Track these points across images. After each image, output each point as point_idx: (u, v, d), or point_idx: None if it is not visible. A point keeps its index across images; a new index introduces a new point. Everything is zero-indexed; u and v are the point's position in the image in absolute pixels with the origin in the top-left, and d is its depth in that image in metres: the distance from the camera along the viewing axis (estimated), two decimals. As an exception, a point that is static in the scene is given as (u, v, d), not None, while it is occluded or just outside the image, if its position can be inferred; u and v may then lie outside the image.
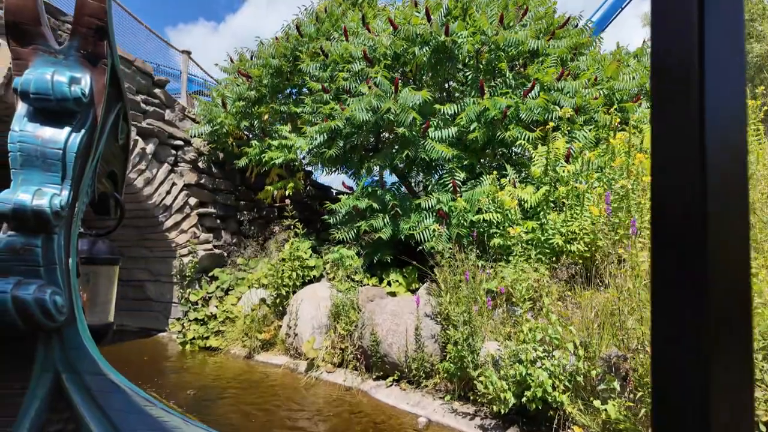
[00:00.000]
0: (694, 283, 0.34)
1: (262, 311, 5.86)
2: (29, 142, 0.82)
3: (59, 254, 0.81)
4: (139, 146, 6.22)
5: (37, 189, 0.79)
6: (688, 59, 0.35)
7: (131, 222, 6.74)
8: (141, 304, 7.45)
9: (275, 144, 6.62)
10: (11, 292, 0.70)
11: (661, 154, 0.37)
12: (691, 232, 0.35)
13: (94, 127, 0.90)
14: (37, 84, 0.82)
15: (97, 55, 0.90)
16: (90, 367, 0.83)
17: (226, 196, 7.90)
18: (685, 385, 0.34)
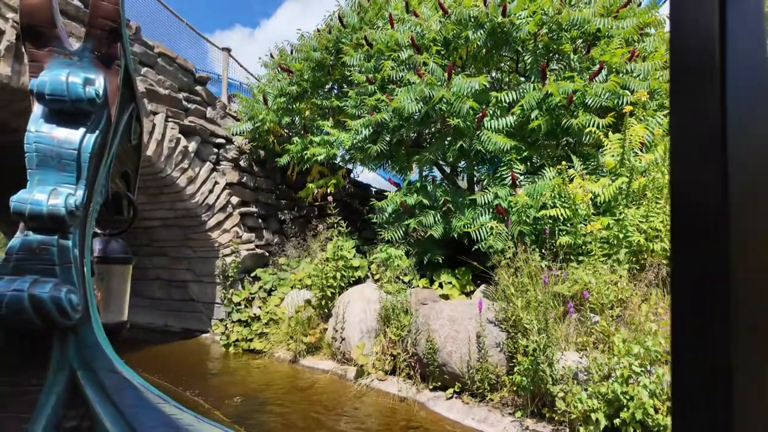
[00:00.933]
0: (716, 287, 0.33)
1: (307, 313, 5.61)
2: (45, 143, 0.83)
3: (74, 253, 0.82)
4: (182, 144, 6.13)
5: (52, 189, 0.80)
6: (709, 43, 0.33)
7: (177, 222, 6.67)
8: (184, 305, 7.39)
9: (317, 140, 6.39)
10: (28, 290, 0.71)
11: (680, 148, 0.36)
12: (713, 232, 0.33)
13: (108, 128, 0.91)
14: (53, 85, 0.83)
15: (111, 57, 0.91)
16: (104, 364, 0.83)
17: (267, 195, 7.75)
18: (707, 397, 0.33)
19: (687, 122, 0.35)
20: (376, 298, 5.03)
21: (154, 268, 7.51)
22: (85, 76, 0.86)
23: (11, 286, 0.72)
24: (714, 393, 0.32)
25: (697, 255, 0.34)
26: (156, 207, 6.60)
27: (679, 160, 0.35)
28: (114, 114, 0.92)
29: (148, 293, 7.78)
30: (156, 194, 6.36)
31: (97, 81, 0.88)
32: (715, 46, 0.33)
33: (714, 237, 0.33)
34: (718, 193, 0.33)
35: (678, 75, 0.36)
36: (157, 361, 5.61)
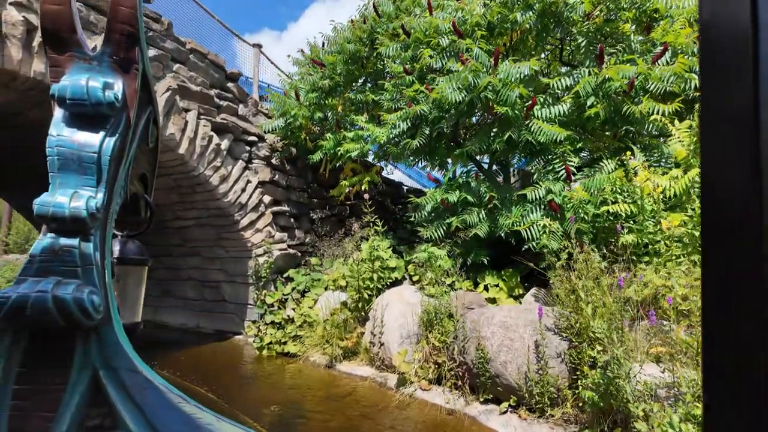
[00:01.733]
0: (751, 292, 0.32)
1: (343, 316, 5.37)
2: (66, 147, 0.85)
3: (95, 255, 0.84)
4: (214, 142, 5.99)
5: (74, 192, 0.83)
6: (741, 38, 0.33)
7: (210, 221, 6.55)
8: (217, 306, 7.29)
9: (350, 136, 6.14)
10: (51, 291, 0.73)
11: (710, 148, 0.35)
12: (743, 229, 0.33)
13: (127, 131, 0.92)
14: (73, 90, 0.85)
15: (129, 61, 0.93)
16: (126, 364, 0.83)
17: (299, 193, 7.57)
18: (741, 403, 0.32)
19: (718, 119, 0.34)
20: (416, 301, 4.73)
21: (187, 269, 7.44)
22: (104, 80, 0.88)
23: (35, 288, 0.73)
24: (743, 391, 0.32)
25: (726, 252, 0.33)
26: (189, 206, 6.50)
27: (709, 157, 0.35)
28: (132, 117, 0.94)
29: (180, 293, 7.73)
30: (189, 193, 6.25)
31: (116, 85, 0.90)
32: (748, 41, 0.32)
33: (744, 234, 0.32)
34: (748, 190, 0.32)
35: (708, 71, 0.35)
36: (189, 364, 5.48)
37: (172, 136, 5.39)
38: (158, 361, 5.52)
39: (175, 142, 5.46)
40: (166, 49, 5.55)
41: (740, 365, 0.32)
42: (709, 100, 0.35)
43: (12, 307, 0.72)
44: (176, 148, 5.49)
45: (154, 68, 5.33)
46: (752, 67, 0.32)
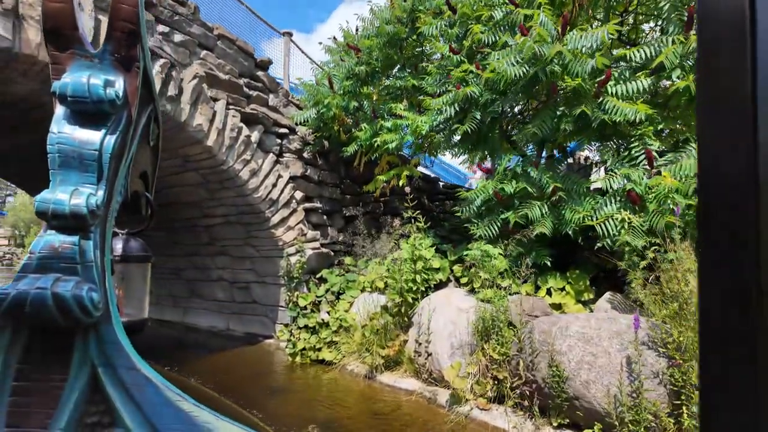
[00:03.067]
0: (744, 288, 0.32)
1: (383, 321, 4.88)
2: (67, 144, 0.85)
3: (95, 252, 0.85)
4: (244, 134, 5.61)
5: (74, 189, 0.83)
6: (738, 19, 0.33)
7: (240, 219, 6.19)
8: (247, 308, 6.93)
9: (388, 125, 5.65)
10: (51, 288, 0.74)
11: (708, 141, 0.35)
12: (741, 216, 0.33)
13: (128, 129, 0.92)
14: (74, 87, 0.85)
15: (131, 58, 0.93)
16: (125, 361, 0.82)
17: (331, 189, 7.14)
18: (735, 399, 0.32)
19: (715, 102, 0.34)
20: (468, 307, 4.20)
21: (216, 269, 7.11)
22: (105, 78, 0.89)
23: (35, 285, 0.75)
24: (742, 396, 0.32)
25: (724, 240, 0.33)
26: (217, 203, 6.16)
27: (706, 143, 0.35)
28: (134, 115, 0.94)
29: (210, 294, 7.42)
30: (217, 189, 5.90)
31: (117, 83, 0.90)
32: (745, 21, 0.32)
33: (742, 222, 0.32)
34: (746, 175, 0.32)
35: (706, 54, 0.35)
36: (217, 371, 5.11)
37: (199, 126, 5.03)
38: (185, 367, 5.17)
39: (203, 133, 5.10)
40: (193, 34, 5.21)
41: (739, 378, 0.31)
42: (706, 83, 0.34)
43: (11, 304, 0.74)
44: (204, 139, 5.13)
45: (180, 54, 4.99)
46: (750, 50, 0.32)
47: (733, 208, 0.33)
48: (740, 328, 0.32)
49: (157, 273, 8.06)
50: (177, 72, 4.83)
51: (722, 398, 0.33)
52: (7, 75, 3.94)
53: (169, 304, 8.16)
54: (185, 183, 6.00)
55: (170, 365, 5.21)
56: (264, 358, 5.84)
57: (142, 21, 0.92)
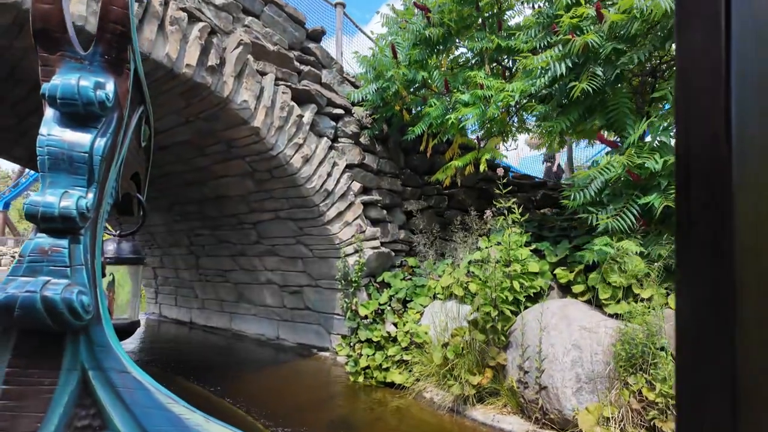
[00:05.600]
0: (722, 276, 0.31)
1: (469, 337, 3.89)
2: (57, 146, 0.85)
3: (85, 255, 0.85)
4: (295, 113, 4.79)
5: (64, 192, 0.83)
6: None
7: (291, 214, 5.39)
8: (299, 315, 6.14)
9: (465, 98, 4.66)
10: (40, 291, 0.74)
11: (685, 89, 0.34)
12: (717, 180, 0.32)
13: (119, 130, 0.93)
14: (64, 89, 0.85)
15: (121, 60, 0.93)
16: (115, 364, 0.83)
17: (391, 180, 6.22)
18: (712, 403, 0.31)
19: (692, 66, 0.34)
20: (595, 325, 3.14)
21: (264, 270, 6.37)
22: (95, 79, 0.89)
23: (24, 288, 0.75)
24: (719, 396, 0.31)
25: (700, 202, 0.33)
26: (265, 196, 5.38)
27: (683, 104, 0.34)
28: (124, 117, 0.95)
29: (258, 299, 6.69)
30: (265, 180, 5.12)
31: (108, 85, 0.91)
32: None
33: (718, 184, 0.32)
34: (722, 137, 0.32)
35: (683, 19, 0.35)
36: (267, 395, 4.30)
37: (245, 104, 4.24)
38: (231, 386, 4.41)
39: (250, 112, 4.31)
40: (238, -4, 4.43)
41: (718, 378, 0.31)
42: (684, 46, 0.34)
43: (1, 307, 0.73)
44: (251, 119, 4.34)
45: (222, 20, 4.22)
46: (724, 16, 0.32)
47: (709, 164, 0.32)
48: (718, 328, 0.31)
49: (202, 275, 7.45)
50: (218, 39, 4.06)
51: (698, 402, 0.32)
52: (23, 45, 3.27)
53: (216, 309, 7.53)
54: (230, 173, 5.26)
55: (214, 384, 4.46)
56: (320, 376, 5.00)
57: (133, 23, 0.92)
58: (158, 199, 6.74)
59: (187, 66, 3.74)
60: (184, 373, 4.87)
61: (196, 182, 5.77)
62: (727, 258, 0.31)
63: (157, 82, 3.85)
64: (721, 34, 0.32)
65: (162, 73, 3.71)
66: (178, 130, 4.68)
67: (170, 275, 8.28)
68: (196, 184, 5.82)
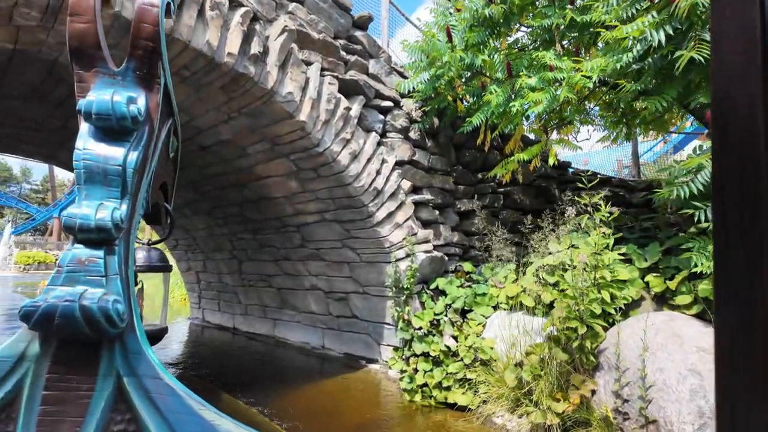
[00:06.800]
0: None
1: (548, 355, 3.36)
2: (92, 160, 0.88)
3: (120, 264, 0.88)
4: (342, 106, 4.41)
5: (99, 204, 0.86)
6: None
7: (336, 215, 5.02)
8: (345, 323, 5.76)
9: (532, 82, 4.13)
10: (78, 300, 0.77)
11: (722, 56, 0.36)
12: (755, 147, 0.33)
13: (150, 143, 0.97)
14: (99, 105, 0.88)
15: (152, 76, 0.97)
16: (148, 370, 0.85)
17: (442, 177, 5.75)
18: None
19: (729, 33, 0.34)
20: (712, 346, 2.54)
21: (309, 275, 6.04)
22: (128, 95, 0.92)
23: (63, 297, 0.78)
24: None
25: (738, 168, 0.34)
26: (310, 196, 5.03)
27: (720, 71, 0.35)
28: (155, 130, 0.98)
29: (302, 305, 6.37)
30: (310, 179, 4.76)
31: (140, 99, 0.94)
32: None
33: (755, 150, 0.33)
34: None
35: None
36: (313, 413, 3.92)
37: (290, 96, 3.89)
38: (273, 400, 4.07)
39: (295, 105, 3.96)
40: (281, -19, 4.10)
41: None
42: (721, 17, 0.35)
43: (42, 316, 0.76)
44: (296, 113, 3.99)
45: (264, 6, 3.89)
46: None
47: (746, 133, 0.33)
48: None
49: (245, 280, 7.22)
50: (261, 27, 3.73)
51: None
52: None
53: (259, 315, 7.28)
54: (273, 173, 4.95)
55: (259, 399, 4.13)
56: (371, 392, 4.58)
57: (163, 38, 0.96)
58: (199, 202, 6.56)
59: (229, 55, 3.43)
60: (228, 386, 4.58)
61: (238, 184, 5.51)
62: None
63: (197, 74, 3.56)
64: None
65: (202, 63, 3.41)
66: (219, 128, 4.40)
67: (213, 280, 8.13)
68: (237, 185, 5.56)
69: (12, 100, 4.33)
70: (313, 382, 4.82)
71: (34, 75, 3.68)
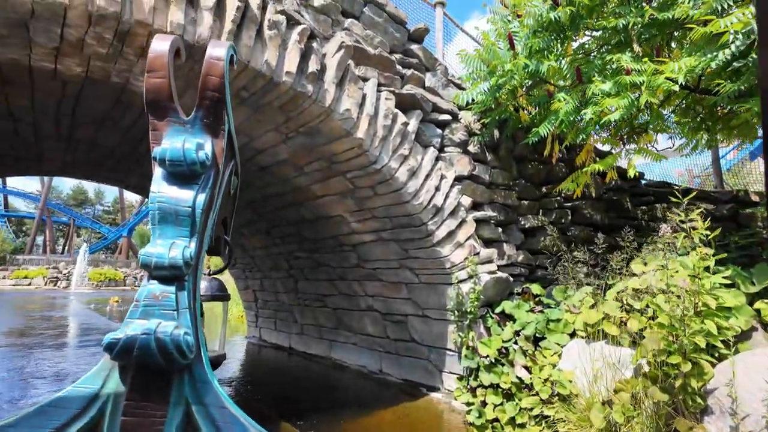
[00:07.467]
0: None
1: (641, 393, 2.93)
2: (165, 202, 0.98)
3: (189, 298, 0.96)
4: (400, 121, 4.25)
5: (172, 243, 0.95)
6: None
7: (394, 234, 4.83)
8: (404, 347, 5.50)
9: (605, 87, 3.77)
10: (154, 333, 0.86)
11: None
12: None
13: (215, 185, 1.07)
14: (172, 153, 1.00)
15: (218, 123, 1.08)
16: (215, 400, 0.90)
17: (505, 193, 5.42)
18: None
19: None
20: None
21: (365, 296, 5.86)
22: (197, 141, 1.04)
23: (141, 330, 0.87)
24: None
25: None
26: (366, 215, 4.88)
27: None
28: (220, 172, 1.08)
29: (359, 327, 6.20)
30: (367, 197, 4.62)
31: (207, 145, 1.05)
32: None
33: None
34: None
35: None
36: None
37: (347, 113, 3.78)
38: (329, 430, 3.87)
39: (352, 122, 3.84)
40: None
41: None
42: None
43: (123, 348, 0.85)
44: (353, 130, 3.87)
45: (321, 23, 3.84)
46: None
47: None
48: None
49: (301, 299, 7.17)
50: (318, 44, 3.67)
51: None
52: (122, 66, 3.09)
53: (315, 336, 7.19)
54: (330, 192, 4.86)
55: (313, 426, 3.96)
56: (434, 425, 4.27)
57: (227, 89, 1.07)
58: (257, 222, 6.62)
59: (287, 74, 3.37)
60: (285, 413, 4.45)
61: (295, 203, 5.47)
62: None
63: (255, 95, 3.54)
64: None
65: (261, 83, 3.37)
66: (277, 148, 4.37)
67: (270, 299, 8.17)
68: (294, 205, 5.53)
69: (85, 128, 4.54)
70: (373, 411, 4.59)
71: (104, 103, 3.81)
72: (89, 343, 8.48)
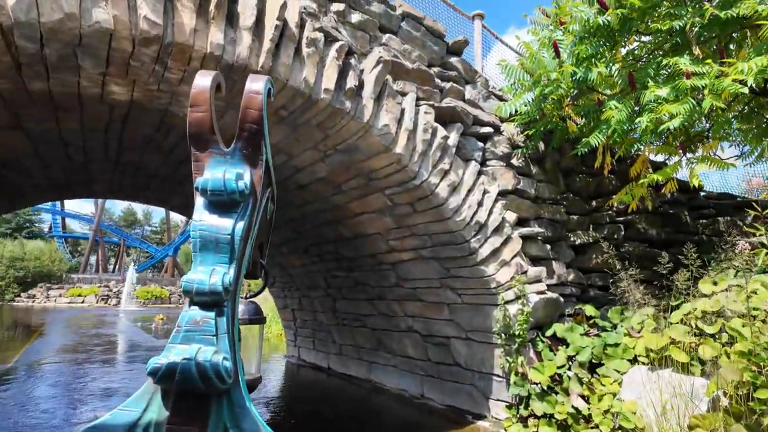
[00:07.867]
0: None
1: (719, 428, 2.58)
2: (207, 230, 1.01)
3: (228, 324, 0.97)
4: (439, 135, 4.11)
5: (212, 269, 0.98)
6: None
7: (434, 252, 4.65)
8: (447, 371, 5.25)
9: (662, 93, 3.49)
10: (194, 359, 0.87)
11: None
12: None
13: (254, 212, 1.10)
14: (213, 183, 1.04)
15: (256, 153, 1.12)
16: (251, 425, 0.91)
17: (552, 207, 5.14)
18: None
19: None
20: None
21: (405, 317, 5.67)
22: (236, 172, 1.07)
23: (182, 355, 0.88)
24: None
25: None
26: (405, 232, 4.73)
27: None
28: (258, 200, 1.12)
29: (399, 349, 5.99)
30: (406, 214, 4.47)
31: (246, 175, 1.09)
32: None
33: None
34: None
35: None
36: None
37: (386, 128, 3.68)
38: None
39: (391, 137, 3.74)
40: (373, 13, 4.00)
41: None
42: None
43: (165, 372, 0.87)
44: (392, 145, 3.77)
45: (358, 39, 3.80)
46: None
47: None
48: None
49: (339, 319, 7.06)
50: (356, 60, 3.61)
51: None
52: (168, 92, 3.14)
53: (354, 356, 7.03)
54: (368, 209, 4.75)
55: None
56: (484, 456, 3.99)
57: (265, 120, 1.11)
58: (296, 241, 6.60)
59: (325, 91, 3.31)
60: None
61: (333, 221, 5.40)
62: None
63: (294, 113, 3.50)
64: None
65: (300, 101, 3.33)
66: (316, 166, 4.33)
67: (308, 318, 8.10)
68: (332, 223, 5.46)
69: (131, 152, 4.67)
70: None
71: (148, 126, 3.89)
72: (135, 359, 8.67)
